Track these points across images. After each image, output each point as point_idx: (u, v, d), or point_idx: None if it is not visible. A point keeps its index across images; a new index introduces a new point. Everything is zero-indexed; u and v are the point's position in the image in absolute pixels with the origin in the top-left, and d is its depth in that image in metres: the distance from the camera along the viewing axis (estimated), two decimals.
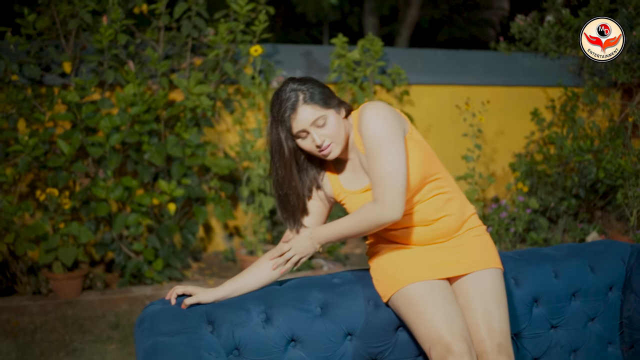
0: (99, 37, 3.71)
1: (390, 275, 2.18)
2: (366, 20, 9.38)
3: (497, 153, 5.27)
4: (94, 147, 3.81)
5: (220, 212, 4.29)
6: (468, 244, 2.22)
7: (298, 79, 2.02)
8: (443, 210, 2.16)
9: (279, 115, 1.98)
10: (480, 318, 2.09)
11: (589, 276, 2.63)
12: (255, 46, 3.96)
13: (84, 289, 4.08)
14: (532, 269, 2.55)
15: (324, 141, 1.99)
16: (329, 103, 2.00)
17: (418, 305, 2.07)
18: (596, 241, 2.83)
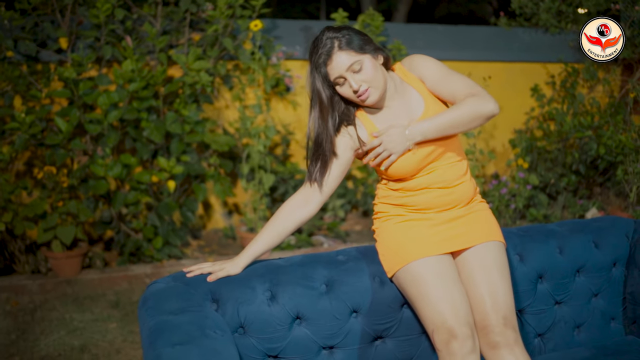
0: (95, 12, 3.65)
1: (394, 250, 2.17)
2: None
3: (497, 129, 5.25)
4: (92, 124, 3.76)
5: (219, 190, 4.26)
6: (473, 216, 2.22)
7: (334, 27, 2.03)
8: (462, 178, 2.17)
9: (315, 63, 2.01)
10: (484, 292, 2.09)
11: (593, 252, 2.63)
12: (255, 21, 3.90)
13: (83, 267, 4.06)
14: (536, 245, 2.54)
15: (361, 86, 2.01)
16: (364, 48, 2.01)
17: (423, 286, 2.06)
18: (600, 217, 2.82)
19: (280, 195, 4.52)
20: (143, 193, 3.98)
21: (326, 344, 2.20)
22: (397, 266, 2.14)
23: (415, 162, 2.10)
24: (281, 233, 2.14)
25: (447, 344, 1.97)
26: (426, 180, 2.15)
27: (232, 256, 4.37)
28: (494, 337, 2.02)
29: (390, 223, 2.23)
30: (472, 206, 2.25)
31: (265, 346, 2.13)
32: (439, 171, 2.15)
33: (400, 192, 2.19)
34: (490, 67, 5.12)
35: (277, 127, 4.71)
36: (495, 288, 2.09)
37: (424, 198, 2.17)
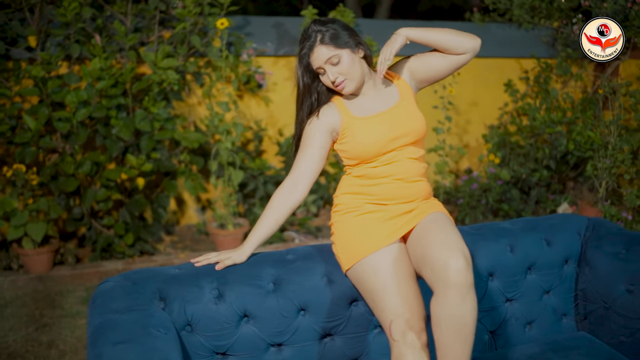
0: (62, 10, 3.66)
1: (351, 244, 2.23)
2: None
3: (470, 124, 5.29)
4: (60, 122, 3.79)
5: (191, 186, 4.30)
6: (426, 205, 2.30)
7: (322, 21, 2.21)
8: (421, 177, 2.29)
9: (300, 54, 2.21)
10: (432, 237, 2.10)
11: (544, 250, 2.67)
12: (222, 19, 3.92)
13: (55, 264, 4.09)
14: (487, 244, 2.59)
15: (337, 77, 2.19)
16: (346, 43, 2.17)
17: (382, 277, 2.12)
18: (553, 215, 2.86)
19: (251, 191, 4.55)
20: (113, 190, 4.01)
21: (274, 341, 2.24)
22: (355, 259, 2.20)
23: (384, 139, 2.21)
24: (279, 219, 2.27)
25: (404, 335, 2.03)
26: (388, 170, 2.25)
27: (204, 252, 4.43)
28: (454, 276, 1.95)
29: (347, 217, 2.29)
30: (427, 201, 2.32)
31: (213, 343, 2.17)
32: (401, 163, 2.25)
33: (362, 180, 2.28)
34: None
35: (250, 124, 4.73)
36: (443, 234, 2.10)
37: (384, 188, 2.26)
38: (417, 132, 2.26)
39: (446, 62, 2.25)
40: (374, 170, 2.27)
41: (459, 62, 2.25)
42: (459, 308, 1.96)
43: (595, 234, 2.74)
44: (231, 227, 4.24)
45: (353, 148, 2.24)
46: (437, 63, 2.26)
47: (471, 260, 2.03)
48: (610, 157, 4.47)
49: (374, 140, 2.22)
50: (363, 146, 2.23)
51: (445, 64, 2.25)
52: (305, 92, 2.28)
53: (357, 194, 2.29)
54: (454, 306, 1.96)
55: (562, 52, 5.09)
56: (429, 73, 2.29)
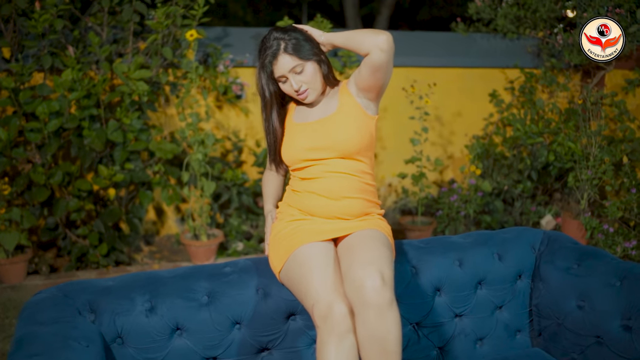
0: (34, 22, 3.70)
1: (279, 247, 2.24)
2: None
3: (454, 135, 5.24)
4: (32, 132, 3.82)
5: (167, 196, 4.30)
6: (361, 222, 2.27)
7: (282, 28, 2.21)
8: (351, 193, 2.24)
9: (262, 62, 2.21)
10: (356, 254, 2.07)
11: (496, 264, 2.63)
12: (191, 30, 3.93)
13: (29, 273, 4.11)
14: (433, 258, 2.55)
15: (301, 87, 2.21)
16: (308, 56, 2.19)
17: (305, 266, 2.11)
18: (508, 229, 2.81)
19: (226, 202, 4.55)
20: (86, 200, 4.02)
21: (208, 355, 2.22)
22: (283, 259, 2.20)
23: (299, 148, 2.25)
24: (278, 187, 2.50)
25: (325, 319, 1.97)
26: (313, 185, 2.26)
27: (181, 263, 4.43)
28: (369, 295, 1.91)
29: (278, 223, 2.33)
30: (362, 218, 2.29)
31: (144, 356, 2.16)
32: (325, 179, 2.24)
33: (294, 192, 2.32)
34: (447, 73, 5.12)
35: (229, 135, 4.74)
36: (367, 249, 2.08)
37: (310, 203, 2.26)
38: (340, 146, 2.22)
39: (364, 66, 2.17)
40: (302, 183, 2.29)
41: (371, 64, 2.13)
42: (379, 327, 1.93)
43: (549, 248, 2.70)
44: (205, 238, 4.24)
45: (282, 151, 2.33)
46: (362, 70, 2.19)
47: (391, 277, 1.99)
48: (591, 169, 4.41)
49: (291, 147, 2.27)
50: (284, 151, 2.30)
51: (364, 68, 2.17)
52: (274, 100, 2.29)
53: (290, 206, 2.33)
54: (374, 326, 1.93)
55: (547, 62, 5.03)
56: (361, 81, 2.22)
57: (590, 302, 2.41)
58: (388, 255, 2.08)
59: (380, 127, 5.11)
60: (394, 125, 5.06)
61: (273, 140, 2.33)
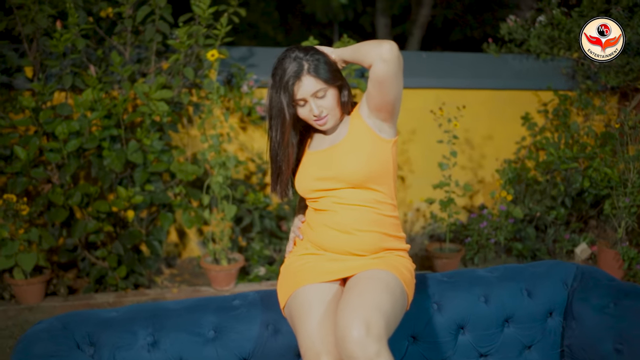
0: (55, 42, 3.67)
1: (285, 282, 2.13)
2: (378, 20, 9.20)
3: (485, 159, 5.07)
4: (52, 152, 3.77)
5: (187, 219, 4.21)
6: (377, 259, 2.11)
7: (302, 48, 2.05)
8: (367, 226, 2.09)
9: (281, 82, 2.03)
10: (350, 296, 1.91)
11: (525, 301, 2.47)
12: (212, 51, 3.85)
13: (47, 294, 4.05)
14: (457, 294, 2.40)
15: (322, 112, 2.06)
16: (331, 80, 2.04)
17: (302, 308, 2.00)
18: (537, 262, 2.65)
19: (248, 225, 4.45)
20: (105, 222, 3.96)
21: None
22: (286, 297, 2.08)
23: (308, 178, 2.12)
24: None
25: None
26: (323, 217, 2.13)
27: (201, 287, 4.33)
28: (351, 347, 1.76)
29: (291, 255, 2.22)
30: (379, 254, 2.14)
31: None
32: (336, 213, 2.10)
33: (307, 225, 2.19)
34: (478, 95, 4.96)
35: (253, 156, 4.64)
36: (365, 293, 1.91)
37: (321, 237, 2.13)
38: (347, 176, 2.06)
39: (369, 81, 2.02)
40: (315, 215, 2.16)
41: (375, 77, 1.97)
42: None
43: (582, 284, 2.52)
44: (225, 262, 4.13)
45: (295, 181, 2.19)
46: (369, 85, 2.04)
47: (381, 325, 1.81)
48: (629, 196, 4.19)
49: (302, 177, 2.15)
50: (297, 181, 2.17)
51: (370, 84, 2.02)
52: (291, 124, 2.08)
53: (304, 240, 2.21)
54: None
55: (582, 84, 4.84)
56: (370, 99, 2.06)
57: (630, 346, 2.22)
58: (384, 301, 1.89)
59: (408, 149, 4.97)
60: (422, 149, 4.92)
61: (286, 167, 2.14)
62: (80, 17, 3.87)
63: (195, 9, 3.94)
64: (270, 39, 9.51)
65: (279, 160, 2.13)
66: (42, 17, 3.69)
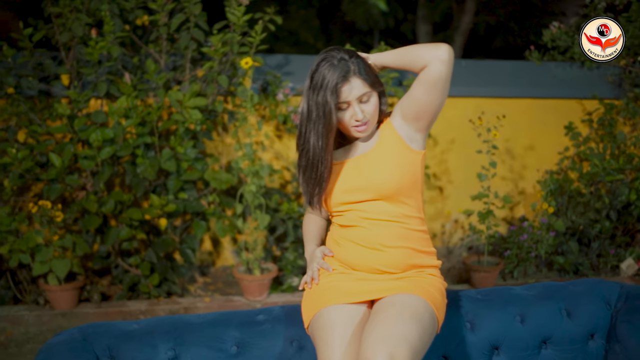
0: (90, 50, 3.68)
1: (310, 300, 2.05)
2: (419, 27, 9.09)
3: (526, 169, 4.91)
4: (86, 160, 3.79)
5: (220, 227, 4.18)
6: (407, 279, 2.03)
7: (344, 49, 1.98)
8: (396, 242, 2.01)
9: (326, 84, 1.91)
10: (377, 324, 1.83)
11: (564, 322, 2.34)
12: (246, 58, 3.81)
13: (80, 300, 4.06)
14: (492, 312, 2.29)
15: (365, 117, 1.98)
16: (375, 85, 1.98)
17: (325, 330, 1.92)
18: (578, 280, 2.51)
19: (282, 235, 4.39)
20: (138, 229, 3.95)
21: None
22: (310, 316, 2.01)
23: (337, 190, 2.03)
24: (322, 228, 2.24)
25: None
26: (351, 234, 2.04)
27: (234, 297, 4.29)
28: None
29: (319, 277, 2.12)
30: (409, 272, 2.05)
31: None
32: (364, 229, 2.02)
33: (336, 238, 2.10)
34: (519, 104, 4.82)
35: (288, 165, 4.59)
36: (390, 321, 1.83)
37: (349, 255, 2.05)
38: (377, 187, 1.99)
39: (418, 84, 1.94)
40: (341, 231, 2.08)
41: (428, 78, 1.91)
42: None
43: (627, 305, 2.38)
44: (258, 272, 4.08)
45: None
46: (415, 89, 1.96)
47: (407, 356, 1.72)
48: None
49: (330, 189, 2.05)
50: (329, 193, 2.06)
51: (418, 87, 1.94)
52: (335, 128, 1.95)
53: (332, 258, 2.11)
54: None
55: (629, 92, 4.65)
56: (413, 105, 1.98)
57: None
58: (412, 331, 1.80)
59: (447, 159, 4.85)
60: (461, 159, 4.79)
61: (327, 174, 2.00)
62: (116, 25, 3.89)
63: (230, 17, 3.91)
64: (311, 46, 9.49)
65: (321, 169, 1.99)
66: (78, 25, 3.71)
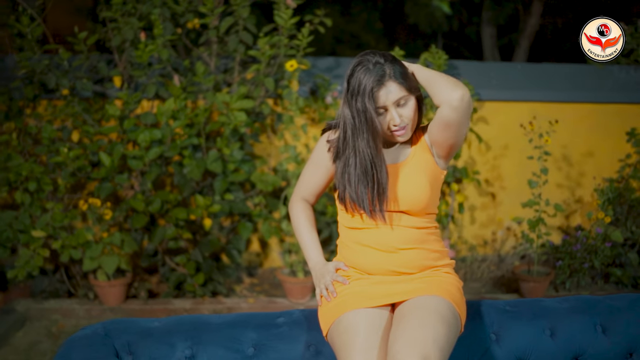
0: (139, 52, 3.78)
1: (328, 308, 2.02)
2: (484, 30, 8.86)
3: (584, 177, 4.72)
4: (134, 160, 3.89)
5: (266, 229, 4.21)
6: (426, 278, 2.01)
7: (379, 53, 1.96)
8: (409, 244, 2.00)
9: (362, 89, 1.89)
10: (405, 328, 1.81)
11: (598, 338, 2.23)
12: (291, 61, 3.82)
13: (128, 297, 4.17)
14: (519, 324, 2.20)
15: (403, 121, 1.95)
16: (413, 89, 1.96)
17: (346, 335, 1.90)
18: (617, 295, 2.39)
19: (327, 238, 4.37)
20: (184, 229, 4.02)
21: None
22: (329, 323, 1.98)
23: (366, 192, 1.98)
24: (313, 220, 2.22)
25: None
26: (363, 236, 2.02)
27: (278, 299, 4.30)
28: None
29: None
30: (426, 273, 2.02)
31: None
32: (378, 230, 2.00)
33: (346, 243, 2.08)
34: (578, 109, 4.64)
35: None
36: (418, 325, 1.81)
37: (363, 260, 2.03)
38: (408, 200, 1.98)
39: (435, 121, 1.96)
40: (350, 234, 2.06)
41: (441, 119, 1.93)
42: None
43: None
44: (301, 274, 4.09)
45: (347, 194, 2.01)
46: (433, 122, 1.98)
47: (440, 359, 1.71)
48: None
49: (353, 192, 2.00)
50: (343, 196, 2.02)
51: (435, 121, 1.96)
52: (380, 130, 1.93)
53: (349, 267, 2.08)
54: None
55: None
56: (432, 133, 2.01)
57: None
58: (442, 334, 1.79)
59: (500, 165, 4.72)
60: (514, 164, 4.65)
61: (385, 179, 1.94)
62: (167, 28, 3.98)
63: (278, 20, 3.94)
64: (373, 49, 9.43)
65: (378, 175, 1.94)
66: (129, 29, 3.82)
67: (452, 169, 4.43)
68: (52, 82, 3.82)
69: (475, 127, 4.59)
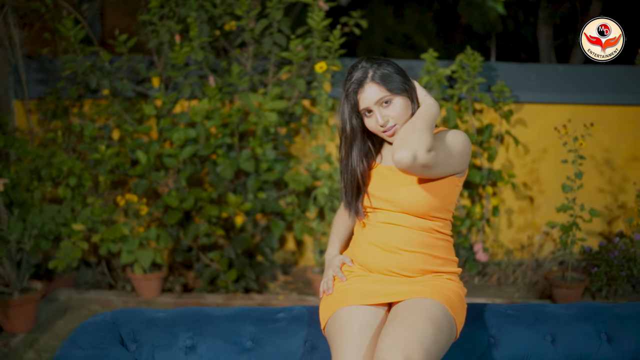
0: (175, 54, 3.91)
1: (328, 301, 2.08)
2: (540, 30, 8.66)
3: (627, 182, 4.57)
4: (169, 158, 4.02)
5: (299, 228, 4.27)
6: (425, 282, 2.03)
7: (373, 58, 2.03)
8: (413, 247, 2.03)
9: (346, 91, 2.01)
10: (393, 327, 1.84)
11: (602, 346, 2.19)
12: (321, 62, 3.87)
13: (163, 290, 4.31)
14: (519, 329, 2.19)
15: (388, 122, 1.99)
16: (397, 90, 1.98)
17: (340, 330, 1.94)
18: (625, 303, 2.33)
19: None
20: (217, 226, 4.13)
21: None
22: (326, 317, 2.04)
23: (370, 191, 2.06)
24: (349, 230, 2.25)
25: None
26: (369, 234, 2.07)
27: (309, 296, 4.36)
28: None
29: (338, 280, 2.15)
30: (427, 277, 2.04)
31: None
32: (385, 228, 2.04)
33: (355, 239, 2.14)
34: (622, 112, 4.50)
35: None
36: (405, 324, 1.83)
37: (366, 257, 2.08)
38: (407, 205, 2.00)
39: None
40: (360, 232, 2.12)
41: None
42: None
43: None
44: None
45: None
46: None
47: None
48: None
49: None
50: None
51: None
52: (355, 136, 2.05)
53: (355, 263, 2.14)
54: None
55: None
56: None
57: None
58: (429, 335, 1.80)
59: (539, 169, 4.63)
60: (553, 168, 4.54)
61: (350, 181, 2.09)
62: (204, 30, 4.09)
63: (310, 22, 3.99)
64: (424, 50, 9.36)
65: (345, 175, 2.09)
66: (165, 31, 3.96)
67: (487, 171, 4.38)
68: (93, 83, 4.00)
69: (514, 129, 4.52)
